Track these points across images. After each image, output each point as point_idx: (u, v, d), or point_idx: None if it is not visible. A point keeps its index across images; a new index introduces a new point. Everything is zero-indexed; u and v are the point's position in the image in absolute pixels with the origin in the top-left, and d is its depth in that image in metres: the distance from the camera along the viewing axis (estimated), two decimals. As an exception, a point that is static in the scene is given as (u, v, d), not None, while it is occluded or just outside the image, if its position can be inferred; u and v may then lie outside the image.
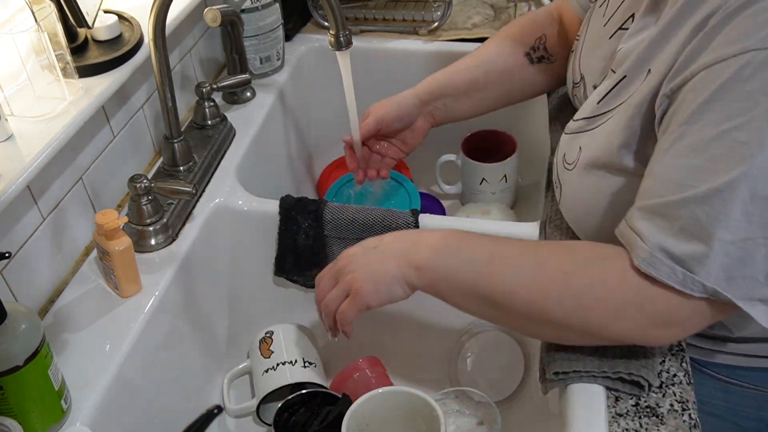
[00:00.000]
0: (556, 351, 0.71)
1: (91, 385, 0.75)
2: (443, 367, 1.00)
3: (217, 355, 1.02)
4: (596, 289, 0.65)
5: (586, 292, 0.65)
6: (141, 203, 0.89)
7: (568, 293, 0.65)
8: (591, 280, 0.65)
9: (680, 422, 0.66)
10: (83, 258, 0.91)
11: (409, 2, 1.36)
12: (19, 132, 0.80)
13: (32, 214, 0.82)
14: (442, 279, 0.70)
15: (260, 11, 1.17)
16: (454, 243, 0.71)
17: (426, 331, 1.03)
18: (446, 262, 0.70)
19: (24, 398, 0.67)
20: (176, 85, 1.07)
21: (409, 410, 0.83)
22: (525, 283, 0.67)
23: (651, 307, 0.63)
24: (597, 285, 0.65)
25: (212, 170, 1.04)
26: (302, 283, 1.02)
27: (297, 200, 0.98)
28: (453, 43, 1.30)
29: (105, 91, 0.88)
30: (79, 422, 0.72)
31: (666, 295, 0.62)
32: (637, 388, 0.68)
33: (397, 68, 1.32)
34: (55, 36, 0.84)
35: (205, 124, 1.09)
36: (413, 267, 0.71)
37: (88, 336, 0.80)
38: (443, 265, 0.70)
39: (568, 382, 0.69)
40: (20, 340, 0.65)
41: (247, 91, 1.20)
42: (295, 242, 0.98)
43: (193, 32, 1.18)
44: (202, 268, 0.95)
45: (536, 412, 0.89)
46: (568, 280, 0.65)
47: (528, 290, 0.66)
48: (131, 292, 0.85)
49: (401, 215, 0.95)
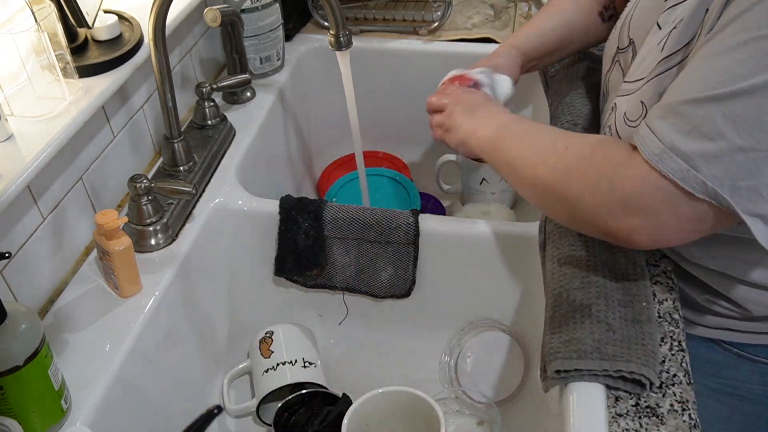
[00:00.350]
0: (557, 349, 0.71)
1: (91, 385, 0.75)
2: (443, 367, 1.00)
3: (217, 355, 1.02)
4: (586, 164, 0.69)
5: (577, 165, 0.69)
6: (141, 203, 0.89)
7: (561, 163, 0.71)
8: (591, 162, 0.68)
9: (680, 422, 0.66)
10: (83, 258, 0.91)
11: (409, 2, 1.36)
12: (19, 132, 0.80)
13: (32, 214, 0.82)
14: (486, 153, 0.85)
15: (260, 11, 1.17)
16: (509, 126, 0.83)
17: (426, 331, 1.03)
18: (492, 153, 0.83)
19: (24, 398, 0.67)
20: (176, 85, 1.07)
21: (409, 410, 0.84)
22: (535, 151, 0.76)
23: (652, 203, 0.63)
24: (590, 160, 0.69)
25: (212, 170, 1.04)
26: (302, 283, 1.02)
27: (297, 200, 0.98)
28: (453, 43, 1.30)
29: (105, 91, 0.88)
30: (79, 422, 0.72)
31: (669, 193, 0.62)
32: (639, 386, 0.68)
33: (397, 68, 1.33)
34: (55, 36, 0.84)
35: (205, 124, 1.09)
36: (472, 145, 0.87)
37: (88, 336, 0.80)
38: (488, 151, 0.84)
39: (569, 381, 0.69)
40: (20, 340, 0.65)
41: (247, 91, 1.20)
42: (295, 242, 0.98)
43: (193, 32, 1.18)
44: (202, 268, 0.95)
45: (536, 412, 0.89)
46: (567, 153, 0.71)
47: (534, 156, 0.75)
48: (131, 292, 0.85)
49: (401, 215, 0.95)
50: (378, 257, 0.98)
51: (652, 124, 0.64)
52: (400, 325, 1.04)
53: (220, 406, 0.64)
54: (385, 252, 0.97)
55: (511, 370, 0.96)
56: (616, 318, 0.72)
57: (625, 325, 0.71)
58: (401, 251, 0.97)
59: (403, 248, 0.97)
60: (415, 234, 0.95)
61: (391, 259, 0.98)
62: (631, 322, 0.72)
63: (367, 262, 0.99)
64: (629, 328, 0.71)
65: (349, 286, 1.01)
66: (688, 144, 0.60)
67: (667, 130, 0.62)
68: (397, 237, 0.96)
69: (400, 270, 0.98)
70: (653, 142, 0.62)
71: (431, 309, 1.02)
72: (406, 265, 0.98)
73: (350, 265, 0.99)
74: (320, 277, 1.01)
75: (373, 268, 0.99)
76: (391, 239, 0.96)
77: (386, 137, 1.40)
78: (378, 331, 1.06)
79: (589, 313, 0.72)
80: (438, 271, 0.99)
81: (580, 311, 0.73)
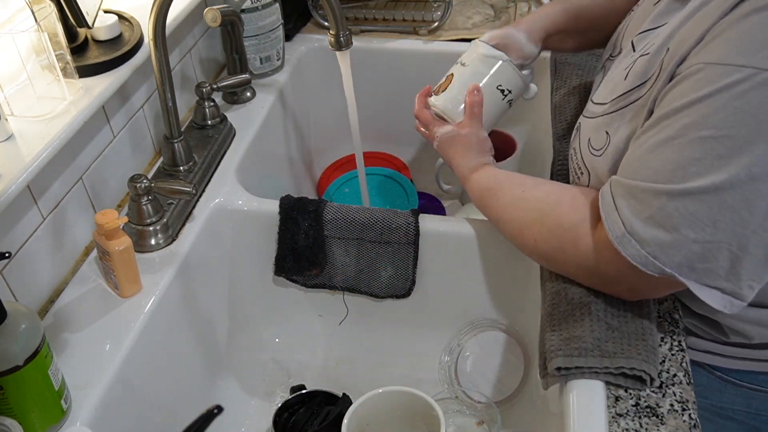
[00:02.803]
0: (558, 347, 0.71)
1: (91, 385, 0.75)
2: (443, 367, 1.00)
3: (217, 355, 1.02)
4: (565, 252, 0.74)
5: (554, 254, 0.76)
6: (141, 203, 0.89)
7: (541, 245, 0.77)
8: (560, 243, 0.75)
9: (680, 422, 0.66)
10: (83, 258, 0.91)
11: (409, 2, 1.36)
12: (19, 132, 0.80)
13: (32, 214, 0.82)
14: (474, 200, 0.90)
15: (260, 11, 1.17)
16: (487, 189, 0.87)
17: (426, 331, 1.03)
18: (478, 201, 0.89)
19: (24, 398, 0.67)
20: (176, 85, 1.07)
21: (409, 410, 0.84)
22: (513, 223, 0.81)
23: (614, 273, 0.70)
24: (566, 247, 0.74)
25: (212, 170, 1.04)
26: (302, 283, 1.02)
27: (297, 200, 0.98)
28: (453, 43, 1.30)
29: (105, 91, 0.88)
30: (79, 422, 0.72)
31: (632, 269, 0.66)
32: (639, 382, 0.69)
33: (397, 68, 1.33)
34: (55, 36, 0.84)
35: (205, 124, 1.09)
36: None
37: (88, 336, 0.80)
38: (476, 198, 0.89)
39: (570, 378, 0.70)
40: (20, 340, 0.65)
41: (247, 91, 1.20)
42: (295, 242, 0.98)
43: (193, 32, 1.18)
44: (202, 268, 0.95)
45: (536, 412, 0.89)
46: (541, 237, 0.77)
47: (513, 227, 0.81)
48: (131, 292, 0.85)
49: (401, 215, 0.95)
50: (378, 257, 0.98)
51: (617, 201, 0.68)
52: (400, 325, 1.04)
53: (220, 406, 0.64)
54: (385, 252, 0.97)
55: (511, 370, 0.96)
56: (615, 315, 0.72)
57: (624, 322, 0.72)
58: (401, 251, 0.97)
59: (403, 248, 0.97)
60: (415, 234, 0.95)
61: (391, 259, 0.98)
62: (630, 318, 0.72)
63: (367, 262, 0.99)
64: (628, 325, 0.72)
65: (349, 286, 1.01)
66: (645, 231, 0.65)
67: (627, 213, 0.66)
68: (397, 237, 0.96)
69: (400, 270, 0.98)
70: (616, 224, 0.67)
71: (431, 309, 1.02)
72: (406, 265, 0.98)
73: (350, 265, 0.99)
74: (320, 276, 1.01)
75: (373, 268, 0.99)
76: (391, 239, 0.96)
77: (386, 137, 1.40)
78: (378, 331, 1.06)
79: (588, 311, 0.72)
80: (438, 272, 0.99)
81: (579, 309, 0.73)
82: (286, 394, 0.98)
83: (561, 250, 0.75)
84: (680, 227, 0.63)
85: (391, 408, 0.84)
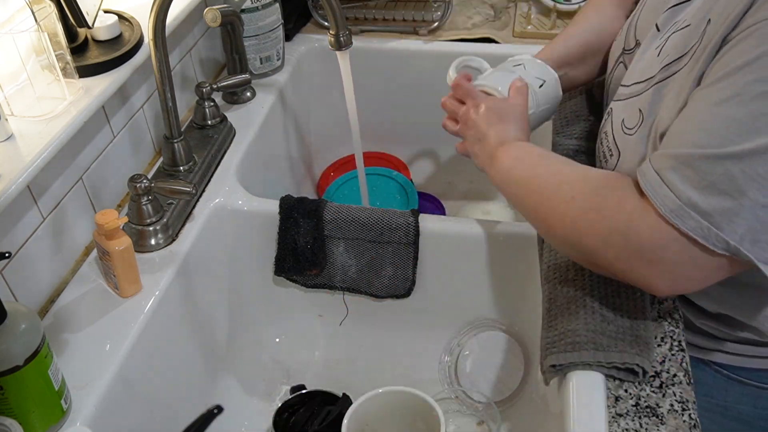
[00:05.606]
0: (552, 344, 0.71)
1: (91, 385, 0.75)
2: (443, 367, 1.00)
3: (217, 355, 1.02)
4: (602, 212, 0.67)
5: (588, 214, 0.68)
6: (141, 203, 0.89)
7: (578, 201, 0.70)
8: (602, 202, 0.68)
9: (680, 422, 0.66)
10: (83, 258, 0.91)
11: (409, 2, 1.36)
12: (19, 132, 0.80)
13: (32, 214, 0.82)
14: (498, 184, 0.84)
15: (260, 11, 1.17)
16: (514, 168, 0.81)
17: (426, 331, 1.03)
18: (503, 183, 0.83)
19: (24, 398, 0.67)
20: (176, 85, 1.07)
21: (409, 410, 0.84)
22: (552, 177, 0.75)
23: (670, 255, 0.63)
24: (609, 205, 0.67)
25: (212, 170, 1.04)
26: (302, 283, 1.02)
27: (297, 200, 0.98)
28: (453, 43, 1.30)
29: (105, 91, 0.88)
30: (79, 422, 0.72)
31: (687, 247, 0.61)
32: (632, 374, 0.69)
33: (397, 68, 1.33)
34: (55, 36, 0.84)
35: (205, 124, 1.09)
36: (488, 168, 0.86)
37: (88, 336, 0.80)
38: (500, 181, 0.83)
39: (565, 371, 0.70)
40: (20, 340, 0.65)
41: (247, 91, 1.20)
42: (295, 242, 0.99)
43: (193, 32, 1.18)
44: (202, 268, 0.95)
45: (536, 412, 0.89)
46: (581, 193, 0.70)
47: (551, 181, 0.74)
48: (131, 292, 0.85)
49: (401, 215, 0.95)
50: (378, 257, 0.98)
51: (664, 175, 0.63)
52: (400, 325, 1.04)
53: (220, 406, 0.64)
54: (385, 252, 0.97)
55: (511, 370, 0.96)
56: (610, 308, 0.73)
57: (620, 316, 0.72)
58: (401, 251, 0.97)
59: (403, 248, 0.97)
60: (415, 234, 0.95)
61: (391, 259, 0.98)
62: (626, 312, 0.72)
63: (367, 262, 0.99)
64: (624, 319, 0.72)
65: (349, 286, 1.01)
66: (706, 201, 0.60)
67: (682, 185, 0.61)
68: (397, 237, 0.96)
69: (400, 270, 0.98)
70: (668, 197, 0.62)
71: (431, 309, 1.02)
72: (405, 265, 0.98)
73: (350, 265, 0.99)
74: (320, 276, 1.01)
75: (373, 268, 0.99)
76: (391, 239, 0.96)
77: (386, 137, 1.40)
78: (378, 331, 1.06)
79: (584, 304, 0.73)
80: (438, 271, 0.99)
81: (575, 302, 0.74)
82: (286, 394, 0.98)
83: (599, 209, 0.67)
84: (747, 191, 0.58)
85: (391, 408, 0.84)
